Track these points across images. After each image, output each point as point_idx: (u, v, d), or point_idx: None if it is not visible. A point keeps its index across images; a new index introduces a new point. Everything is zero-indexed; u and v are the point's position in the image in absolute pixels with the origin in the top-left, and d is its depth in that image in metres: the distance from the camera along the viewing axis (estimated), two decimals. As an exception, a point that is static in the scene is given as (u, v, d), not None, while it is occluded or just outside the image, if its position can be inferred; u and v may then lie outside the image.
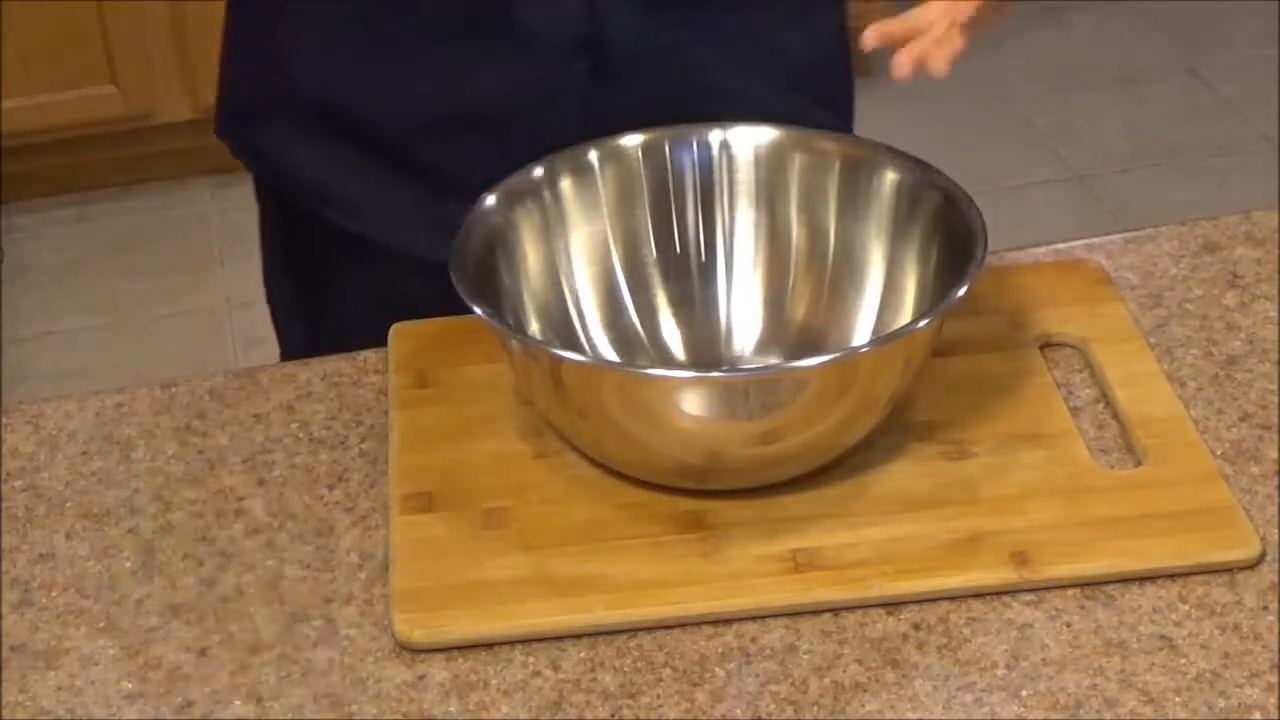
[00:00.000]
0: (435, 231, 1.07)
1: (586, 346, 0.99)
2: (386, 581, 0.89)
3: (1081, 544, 0.87)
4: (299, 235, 1.21)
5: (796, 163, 0.99)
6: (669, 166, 1.01)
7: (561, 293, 0.99)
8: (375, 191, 1.14)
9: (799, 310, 1.01)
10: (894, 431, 0.94)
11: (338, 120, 1.13)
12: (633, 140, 1.01)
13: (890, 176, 0.97)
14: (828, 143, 1.00)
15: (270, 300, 1.25)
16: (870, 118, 1.24)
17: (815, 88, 1.15)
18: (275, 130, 1.16)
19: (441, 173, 1.11)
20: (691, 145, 1.01)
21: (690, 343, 1.01)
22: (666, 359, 1.01)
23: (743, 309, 1.02)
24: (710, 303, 1.02)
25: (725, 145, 1.01)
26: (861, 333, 0.99)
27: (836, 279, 1.00)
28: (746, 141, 1.01)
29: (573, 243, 1.00)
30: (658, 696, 0.82)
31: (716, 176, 1.01)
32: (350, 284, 1.18)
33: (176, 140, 2.68)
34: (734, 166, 1.01)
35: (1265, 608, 0.85)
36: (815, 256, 1.01)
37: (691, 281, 1.02)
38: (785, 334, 1.01)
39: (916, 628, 0.85)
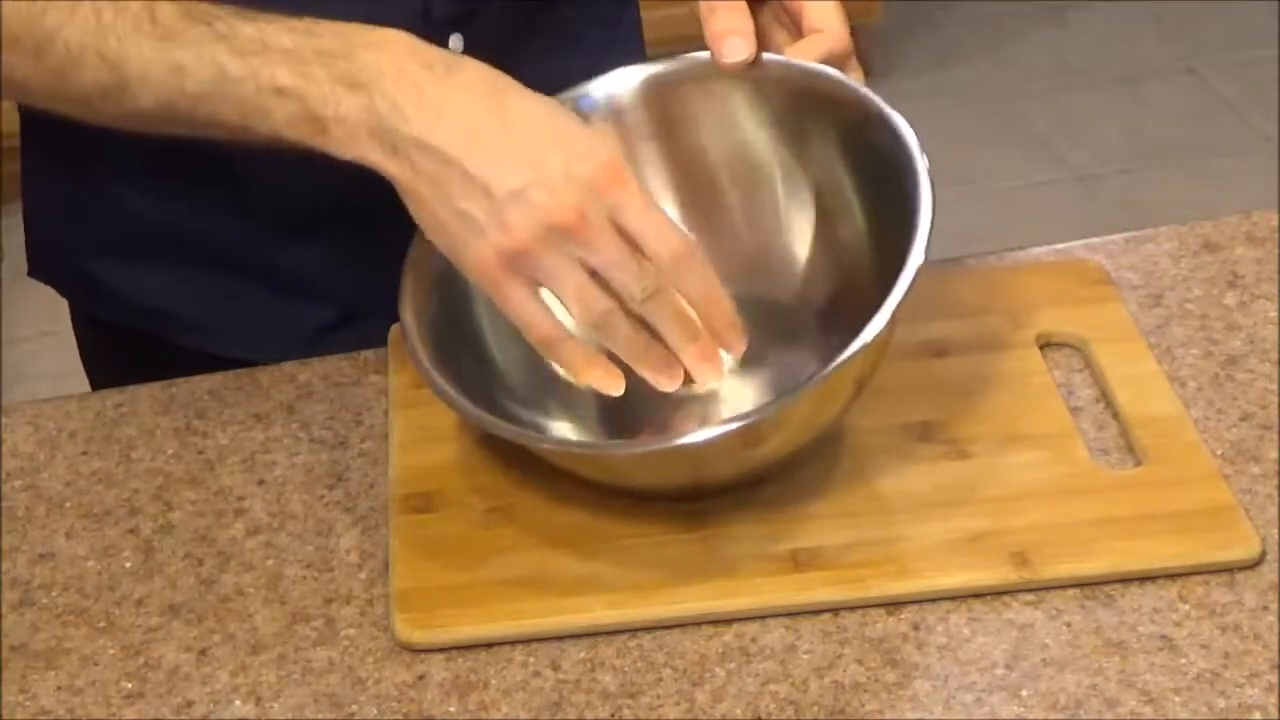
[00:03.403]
0: (287, 335, 1.07)
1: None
2: (386, 581, 0.89)
3: (1081, 544, 0.87)
4: (117, 350, 1.15)
5: (692, 89, 0.97)
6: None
7: None
8: (225, 306, 1.10)
9: (741, 236, 0.99)
10: (894, 431, 0.94)
11: (177, 241, 1.08)
12: None
13: (790, 89, 0.95)
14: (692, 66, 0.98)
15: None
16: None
17: None
18: (105, 261, 1.10)
19: (300, 277, 1.09)
20: (587, 98, 0.98)
21: None
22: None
23: None
24: None
25: (618, 92, 0.98)
26: (802, 238, 0.97)
27: (762, 196, 0.98)
28: (637, 81, 0.98)
29: None
30: (658, 696, 0.82)
31: (618, 123, 0.98)
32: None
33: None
34: (632, 110, 0.99)
35: (1265, 608, 0.85)
36: (741, 178, 0.99)
37: None
38: (732, 261, 0.98)
39: (916, 628, 0.85)
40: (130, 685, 0.85)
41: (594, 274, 0.86)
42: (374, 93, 0.85)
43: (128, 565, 0.92)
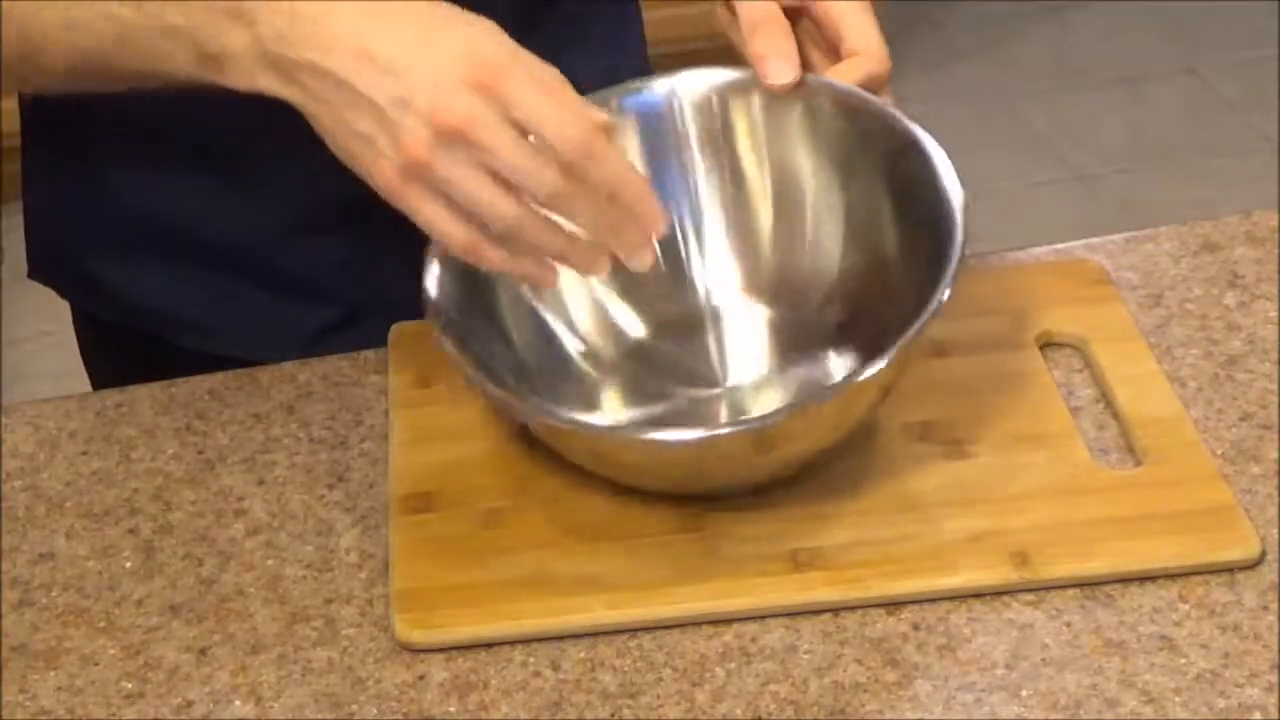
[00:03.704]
0: (287, 335, 1.07)
1: (563, 336, 0.98)
2: (386, 581, 0.89)
3: (1081, 544, 0.87)
4: (117, 350, 1.15)
5: (742, 102, 0.98)
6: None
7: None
8: (225, 306, 1.09)
9: (769, 250, 1.00)
10: (894, 431, 0.94)
11: (178, 241, 1.08)
12: None
13: (834, 110, 0.96)
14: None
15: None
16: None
17: None
18: (105, 261, 1.10)
19: (301, 277, 1.09)
20: (639, 96, 0.99)
21: (665, 309, 1.00)
22: (646, 319, 0.99)
23: (715, 257, 1.00)
24: (680, 258, 1.00)
25: (673, 94, 0.99)
26: (834, 257, 0.98)
27: (795, 213, 0.99)
28: (693, 87, 0.99)
29: None
30: (658, 696, 0.82)
31: (668, 125, 0.99)
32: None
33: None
34: (683, 114, 0.99)
35: (1265, 608, 0.85)
36: (776, 194, 0.99)
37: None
38: (761, 277, 1.00)
39: (916, 628, 0.85)
40: (130, 685, 0.85)
41: (500, 178, 0.82)
42: (257, 21, 0.83)
43: (128, 565, 0.92)
